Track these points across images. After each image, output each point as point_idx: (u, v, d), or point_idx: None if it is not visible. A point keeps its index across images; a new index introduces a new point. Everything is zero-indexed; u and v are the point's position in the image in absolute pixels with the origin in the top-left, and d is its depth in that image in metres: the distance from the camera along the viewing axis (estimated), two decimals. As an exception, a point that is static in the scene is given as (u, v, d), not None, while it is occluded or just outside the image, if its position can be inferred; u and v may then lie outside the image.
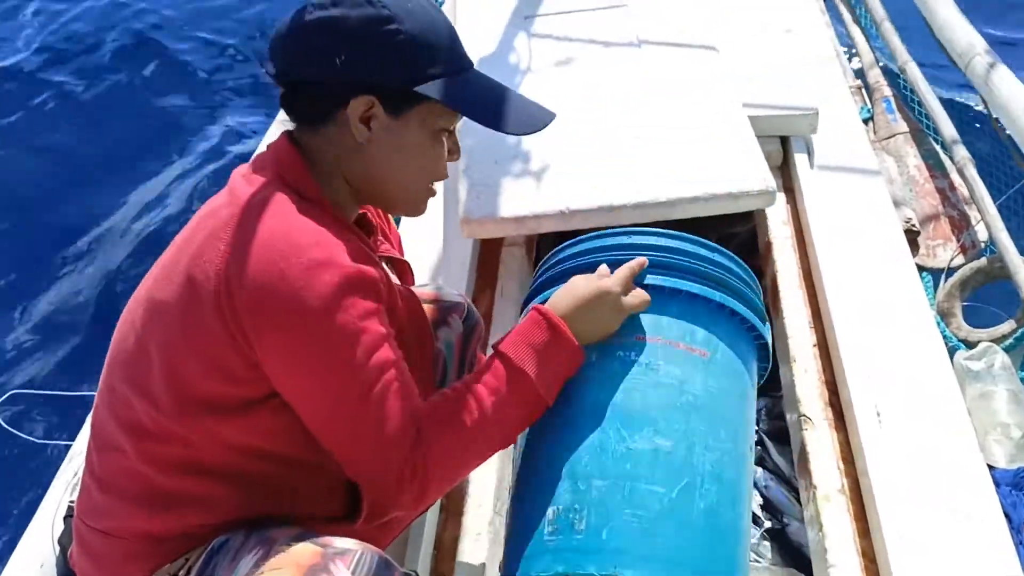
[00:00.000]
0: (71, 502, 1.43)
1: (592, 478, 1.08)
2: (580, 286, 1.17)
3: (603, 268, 1.23)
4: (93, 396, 1.65)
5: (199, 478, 1.08)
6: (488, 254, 2.16)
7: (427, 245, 2.11)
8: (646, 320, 1.20)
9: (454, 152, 1.19)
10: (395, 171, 1.15)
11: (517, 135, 1.18)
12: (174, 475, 1.07)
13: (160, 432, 1.06)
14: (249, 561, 1.01)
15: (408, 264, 1.38)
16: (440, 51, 1.11)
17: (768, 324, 1.31)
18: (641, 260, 1.21)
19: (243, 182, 1.09)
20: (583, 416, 1.15)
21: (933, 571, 1.37)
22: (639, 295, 1.19)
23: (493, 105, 1.15)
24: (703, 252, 1.26)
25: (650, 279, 1.22)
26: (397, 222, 1.66)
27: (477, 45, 2.50)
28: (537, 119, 1.19)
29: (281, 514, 1.11)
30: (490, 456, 1.14)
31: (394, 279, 1.24)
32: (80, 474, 1.49)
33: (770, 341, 1.32)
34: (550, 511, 1.08)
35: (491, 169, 2.02)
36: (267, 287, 0.97)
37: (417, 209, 1.22)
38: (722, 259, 1.27)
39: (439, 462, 1.06)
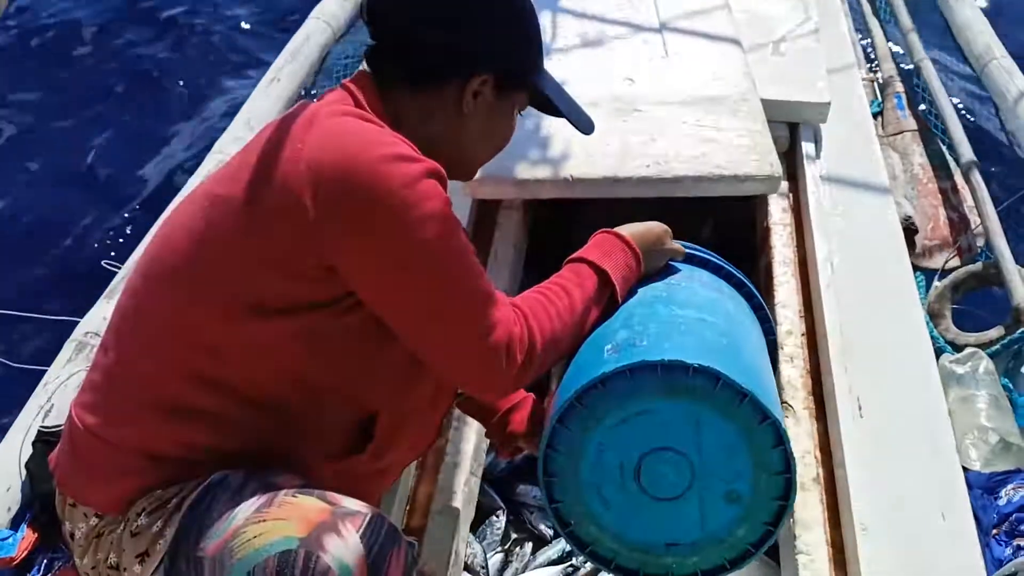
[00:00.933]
0: (42, 427, 1.43)
1: (648, 323, 1.14)
2: (639, 223, 1.29)
3: None
4: (74, 321, 1.64)
5: (218, 393, 1.06)
6: (484, 216, 2.14)
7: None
8: (683, 267, 1.33)
9: None
10: (478, 142, 1.22)
11: (585, 134, 1.32)
12: (194, 385, 1.05)
13: (195, 336, 1.04)
14: (250, 506, 0.98)
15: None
16: (540, 49, 1.24)
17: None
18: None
19: (315, 101, 1.10)
20: (630, 301, 1.23)
21: (899, 566, 1.38)
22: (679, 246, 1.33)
23: (568, 104, 1.28)
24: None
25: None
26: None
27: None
28: (590, 122, 1.31)
29: (285, 452, 1.10)
30: (567, 346, 1.17)
31: None
32: (53, 399, 1.49)
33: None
34: (608, 346, 1.12)
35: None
36: (355, 179, 0.97)
37: (473, 175, 1.29)
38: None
39: (541, 333, 1.10)
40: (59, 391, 1.48)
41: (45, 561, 1.29)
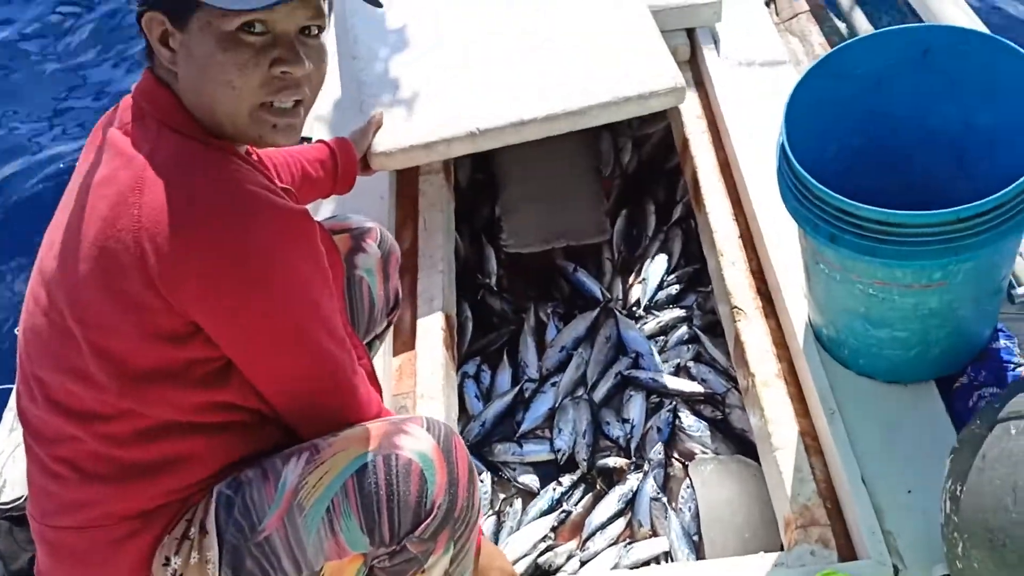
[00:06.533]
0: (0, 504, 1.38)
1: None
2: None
3: None
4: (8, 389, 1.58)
5: (170, 440, 1.03)
6: (406, 185, 2.10)
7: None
8: (880, 270, 1.25)
9: (286, 61, 1.01)
10: (206, 93, 1.01)
11: (244, 7, 0.98)
12: (142, 445, 1.02)
13: (111, 411, 1.00)
14: (295, 467, 1.02)
15: (293, 193, 1.33)
16: None
17: None
18: None
19: (128, 140, 1.01)
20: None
21: (868, 440, 1.42)
22: None
23: None
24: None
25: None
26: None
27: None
28: None
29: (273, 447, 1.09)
30: None
31: None
32: (3, 474, 1.43)
33: None
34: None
35: (393, 98, 1.94)
36: (198, 247, 0.93)
37: (263, 138, 1.06)
38: None
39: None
40: (8, 464, 1.43)
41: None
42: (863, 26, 2.23)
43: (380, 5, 1.15)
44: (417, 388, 1.68)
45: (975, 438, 1.12)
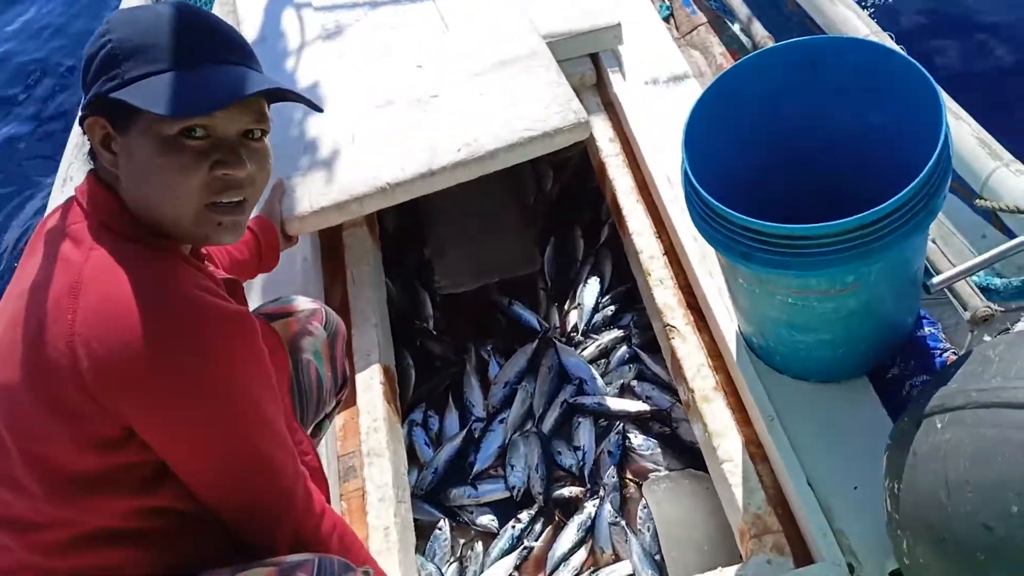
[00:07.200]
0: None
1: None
2: None
3: None
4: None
5: (100, 550, 0.99)
6: (330, 241, 2.09)
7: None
8: (795, 281, 1.28)
9: (226, 163, 1.01)
10: (148, 196, 1.01)
11: (184, 115, 0.97)
12: (74, 554, 0.98)
13: (43, 520, 0.97)
14: None
15: (240, 283, 1.31)
16: (148, 51, 0.98)
17: None
18: None
19: (68, 243, 0.99)
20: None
21: (810, 441, 1.45)
22: None
23: (176, 91, 0.97)
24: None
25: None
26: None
27: (272, 19, 2.38)
28: (215, 99, 0.99)
29: (201, 559, 1.05)
30: None
31: None
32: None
33: None
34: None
35: (300, 162, 1.93)
36: (133, 352, 0.89)
37: (209, 237, 1.05)
38: None
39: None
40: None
41: None
42: (761, 33, 2.28)
43: (321, 110, 1.16)
44: (362, 447, 1.67)
45: (905, 435, 1.15)
